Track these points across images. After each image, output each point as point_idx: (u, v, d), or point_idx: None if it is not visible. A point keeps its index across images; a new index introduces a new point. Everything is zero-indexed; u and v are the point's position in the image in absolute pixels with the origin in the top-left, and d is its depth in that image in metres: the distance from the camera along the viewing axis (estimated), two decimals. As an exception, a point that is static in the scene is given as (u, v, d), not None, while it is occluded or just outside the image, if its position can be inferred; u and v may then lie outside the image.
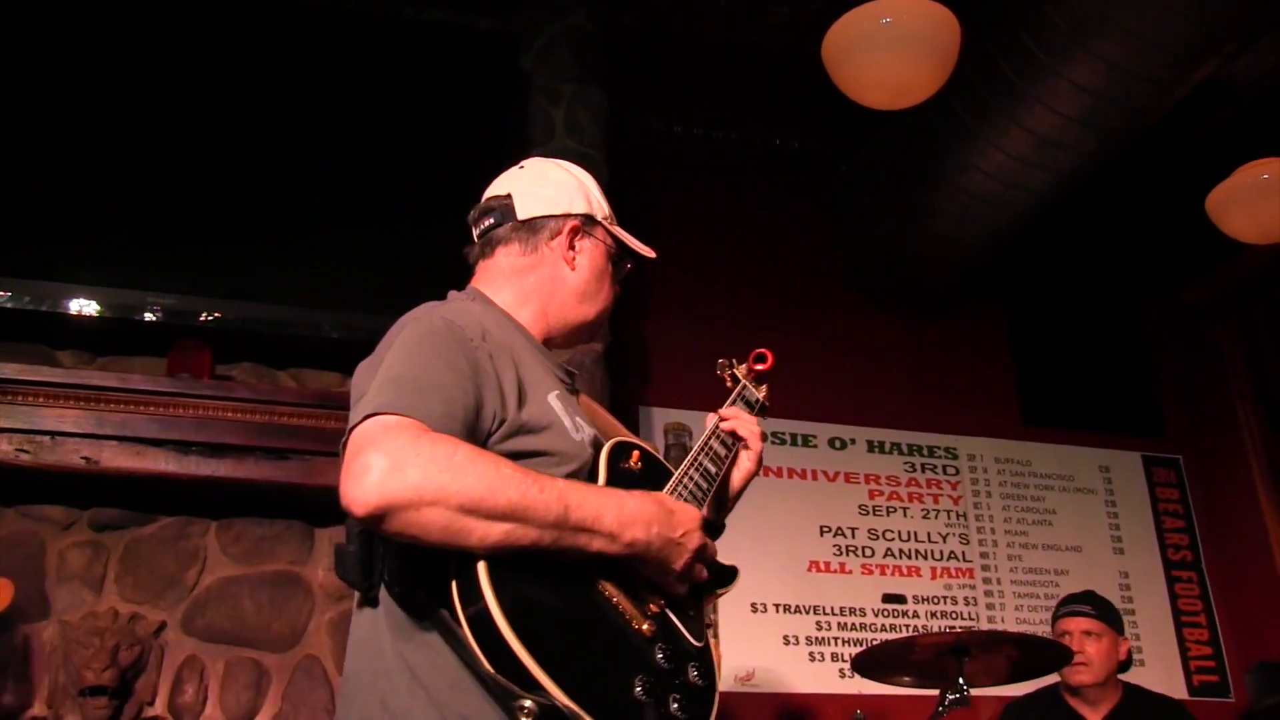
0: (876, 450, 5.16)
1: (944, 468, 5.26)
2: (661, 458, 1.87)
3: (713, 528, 1.83)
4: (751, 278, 5.02)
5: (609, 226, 1.96)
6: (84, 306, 3.59)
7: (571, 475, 1.62)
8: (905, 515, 5.09)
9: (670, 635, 1.59)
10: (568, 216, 1.90)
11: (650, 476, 1.77)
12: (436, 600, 1.43)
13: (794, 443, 5.00)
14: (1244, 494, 5.53)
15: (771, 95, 5.32)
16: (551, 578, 1.46)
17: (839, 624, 4.74)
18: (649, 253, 2.01)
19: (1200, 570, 5.49)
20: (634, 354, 4.73)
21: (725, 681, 4.44)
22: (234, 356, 3.86)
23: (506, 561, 1.40)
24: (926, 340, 5.47)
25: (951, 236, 4.81)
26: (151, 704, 3.44)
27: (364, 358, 1.73)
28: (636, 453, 1.79)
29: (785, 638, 4.66)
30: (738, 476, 1.99)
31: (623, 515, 1.52)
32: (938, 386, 5.39)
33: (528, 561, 1.42)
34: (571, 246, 1.90)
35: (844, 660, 4.66)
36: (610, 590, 1.54)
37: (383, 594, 1.55)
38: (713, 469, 1.88)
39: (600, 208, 1.96)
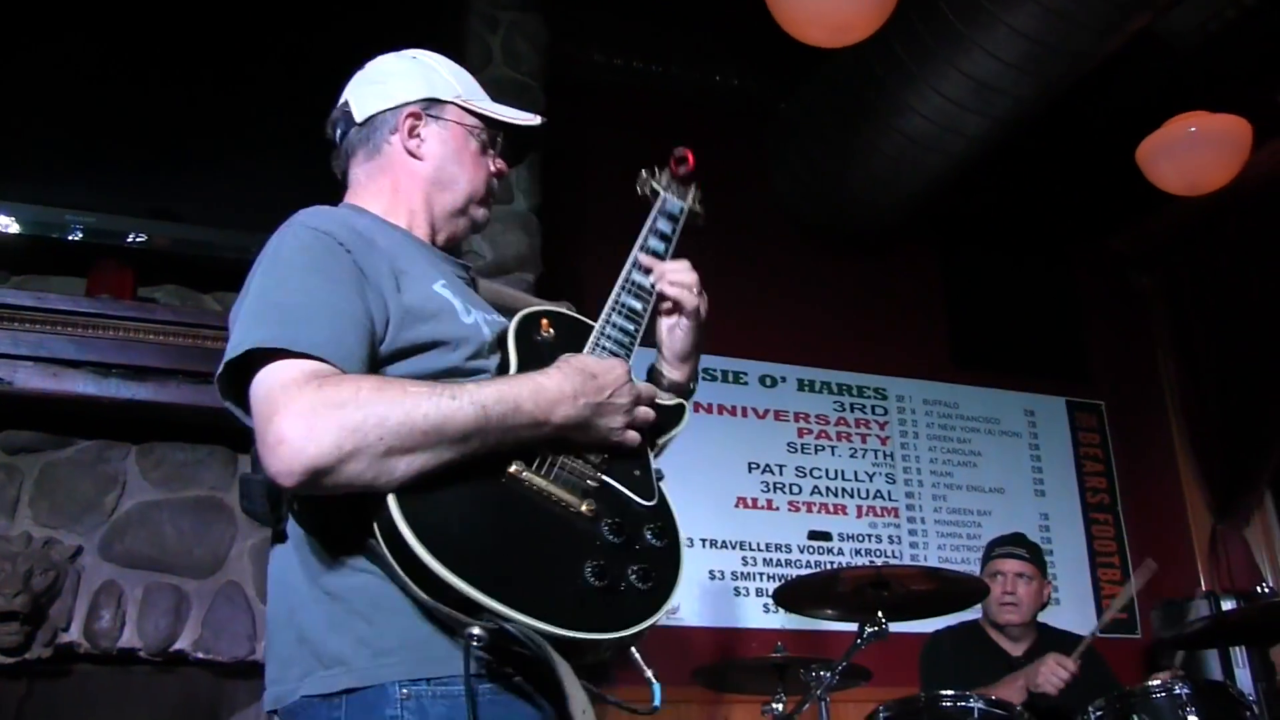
0: (806, 389, 5.21)
1: (873, 408, 5.32)
2: (576, 313, 1.77)
3: (667, 407, 1.73)
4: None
5: (462, 103, 1.81)
6: (2, 225, 3.47)
7: (470, 359, 1.56)
8: (833, 454, 5.16)
9: (616, 504, 1.53)
10: (403, 106, 1.77)
11: (566, 338, 1.69)
12: (359, 530, 1.38)
13: (724, 379, 5.03)
14: (1160, 440, 5.69)
15: (712, 31, 5.28)
16: (471, 489, 1.39)
17: (765, 560, 4.81)
18: (519, 118, 1.86)
19: (1116, 513, 5.64)
20: (567, 287, 4.69)
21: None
22: (157, 278, 3.76)
23: (419, 486, 1.35)
24: (860, 281, 5.51)
25: (888, 178, 4.83)
26: (67, 630, 3.37)
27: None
28: (545, 319, 1.70)
29: (711, 572, 4.72)
30: (678, 334, 1.81)
31: (541, 398, 1.46)
32: (870, 327, 5.45)
33: (442, 479, 1.36)
34: (413, 134, 1.77)
35: (769, 595, 4.73)
36: (538, 481, 1.46)
37: (293, 527, 1.50)
38: (630, 325, 1.73)
39: (449, 86, 1.81)
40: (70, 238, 3.54)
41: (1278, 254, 5.10)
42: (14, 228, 3.49)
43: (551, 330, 1.69)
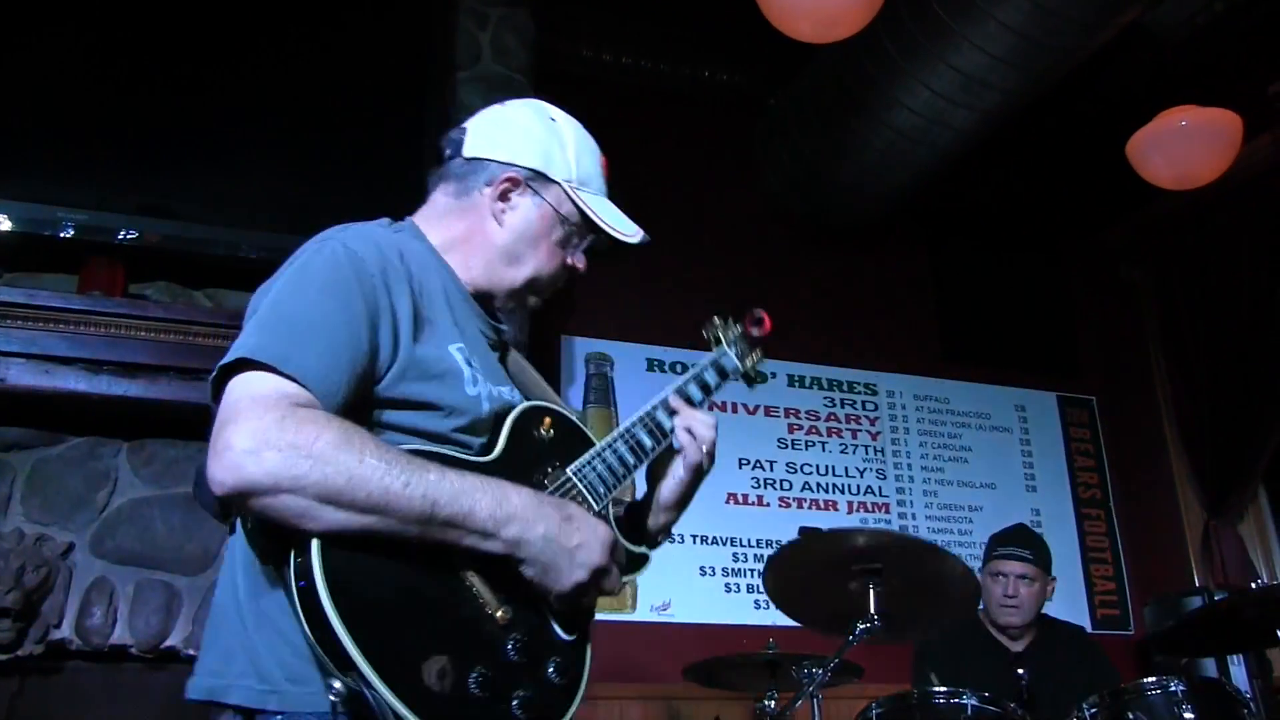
0: (797, 384, 5.21)
1: (863, 403, 5.33)
2: (586, 428, 1.72)
3: (632, 555, 1.70)
4: (676, 209, 5.00)
5: (569, 190, 1.74)
6: (-7, 222, 3.48)
7: (458, 430, 1.53)
8: (824, 450, 5.16)
9: (531, 624, 1.47)
10: (510, 165, 1.72)
11: (562, 445, 1.65)
12: (275, 554, 1.37)
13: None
14: (1152, 435, 5.69)
15: (700, 26, 5.27)
16: (395, 555, 1.36)
17: (755, 556, 4.81)
18: (620, 231, 1.77)
19: (1108, 509, 5.65)
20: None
21: (642, 610, 4.49)
22: (148, 275, 3.76)
23: (346, 537, 1.33)
24: (850, 276, 5.51)
25: (877, 172, 4.83)
26: (59, 626, 3.38)
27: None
28: (549, 418, 1.66)
29: (702, 568, 4.72)
30: (678, 484, 1.80)
31: (499, 511, 1.40)
32: (860, 323, 5.45)
33: (374, 538, 1.34)
34: (503, 199, 1.71)
35: (759, 591, 4.74)
36: (469, 572, 1.42)
37: (239, 526, 1.49)
38: (631, 459, 1.71)
39: (565, 167, 1.74)
40: (61, 235, 3.54)
41: (1268, 247, 5.11)
42: (6, 225, 3.49)
43: (551, 431, 1.65)
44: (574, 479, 1.65)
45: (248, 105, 3.91)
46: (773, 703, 3.35)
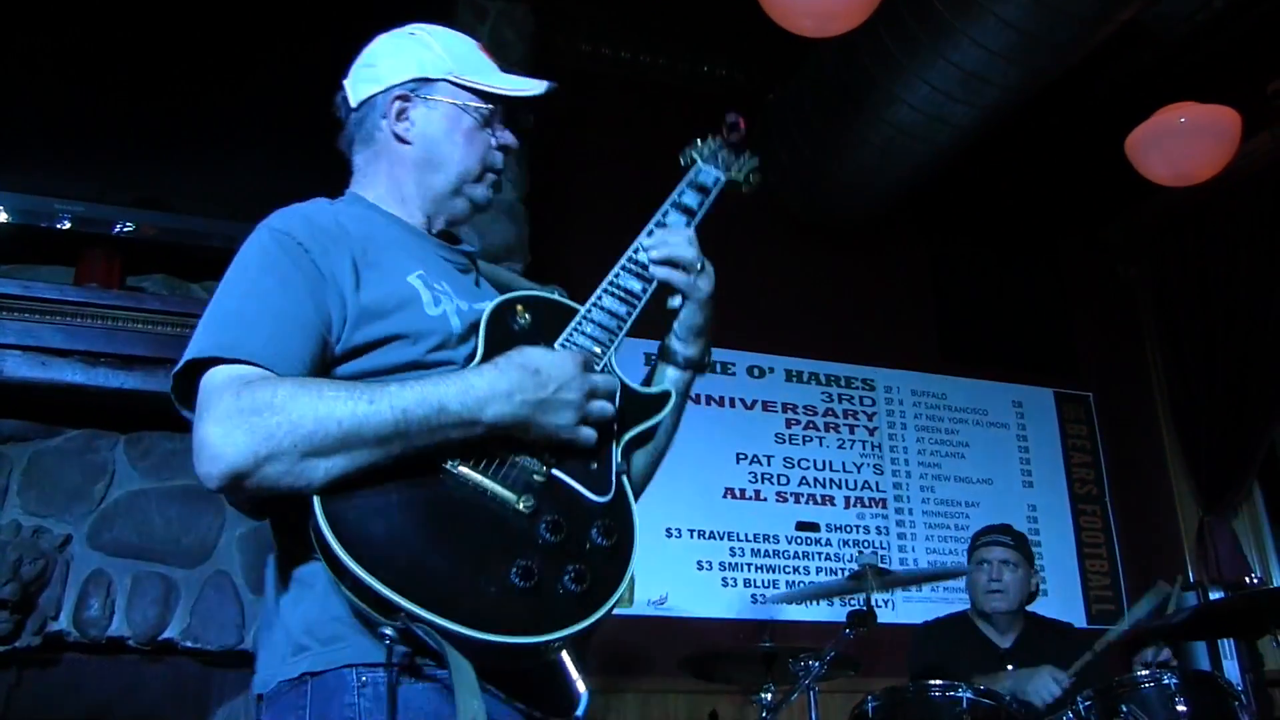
0: (795, 380, 5.22)
1: (861, 398, 5.33)
2: (565, 299, 1.70)
3: (648, 395, 1.67)
4: (676, 204, 4.98)
5: (454, 79, 1.73)
6: (-11, 213, 3.47)
7: (432, 350, 1.52)
8: (821, 445, 5.17)
9: (560, 501, 1.44)
10: (390, 89, 1.73)
11: (544, 323, 1.63)
12: (295, 531, 1.39)
13: (712, 370, 5.01)
14: (1148, 431, 5.70)
15: (699, 21, 5.27)
16: (397, 489, 1.37)
17: (752, 550, 4.82)
18: (517, 89, 1.75)
19: (1104, 505, 5.66)
20: (555, 277, 4.69)
21: (639, 604, 4.49)
22: (145, 268, 3.75)
23: (344, 486, 1.34)
24: (848, 272, 5.51)
25: (876, 168, 4.83)
26: (56, 618, 3.38)
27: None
28: (521, 304, 1.63)
29: (699, 563, 4.73)
30: (681, 312, 1.74)
31: (470, 396, 1.40)
32: (858, 318, 5.45)
33: (369, 479, 1.35)
34: (401, 118, 1.72)
35: (756, 586, 4.75)
36: (475, 476, 1.41)
37: (272, 518, 1.52)
38: (622, 308, 1.67)
39: (440, 63, 1.74)
40: (58, 226, 3.53)
41: (1266, 245, 5.11)
42: (2, 216, 3.49)
43: (528, 315, 1.63)
44: (569, 348, 1.62)
45: (245, 98, 3.90)
46: (769, 696, 3.36)
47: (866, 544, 5.03)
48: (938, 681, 3.07)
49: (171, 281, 3.79)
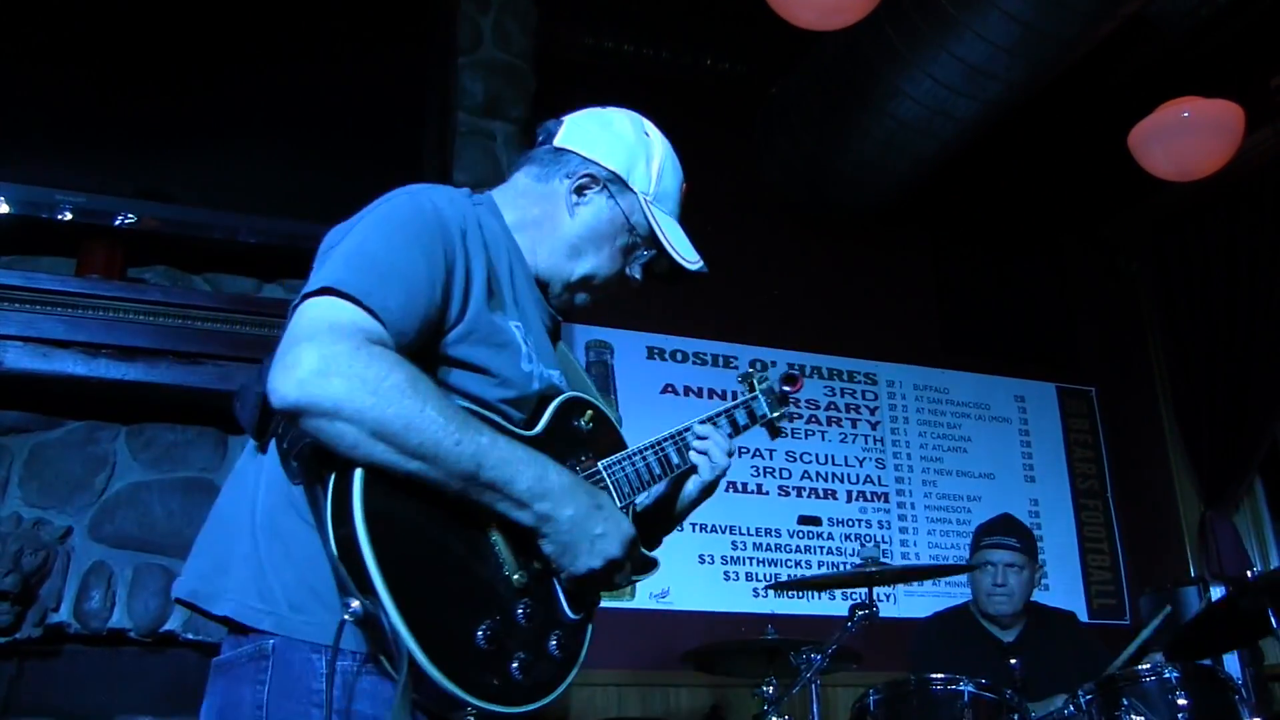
0: (797, 373, 5.21)
1: (863, 393, 5.33)
2: (619, 430, 1.79)
3: (645, 558, 1.77)
4: (678, 197, 4.98)
5: (644, 202, 1.79)
6: (-9, 204, 3.46)
7: (509, 401, 1.57)
8: (824, 439, 5.16)
9: (542, 597, 1.51)
10: (593, 163, 1.77)
11: (600, 440, 1.71)
12: (314, 475, 1.40)
13: (714, 363, 5.02)
14: (1150, 426, 5.69)
15: (702, 14, 5.26)
16: (432, 501, 1.41)
17: (754, 544, 4.82)
18: (684, 260, 1.83)
19: (1106, 499, 5.66)
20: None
21: (641, 598, 4.49)
22: (147, 259, 3.75)
23: (387, 474, 1.37)
24: (851, 266, 5.51)
25: (878, 161, 4.82)
26: (57, 610, 3.38)
27: (281, 263, 1.64)
28: (591, 411, 1.72)
29: (701, 557, 4.73)
30: (680, 499, 1.90)
31: (539, 485, 1.46)
32: (860, 312, 5.45)
33: (412, 482, 1.39)
34: (579, 192, 1.76)
35: (758, 580, 4.75)
36: (494, 531, 1.47)
37: (272, 449, 1.50)
38: (658, 470, 1.79)
39: (645, 180, 1.80)
40: (60, 217, 3.52)
41: (1268, 240, 5.10)
42: (3, 207, 3.47)
43: (592, 425, 1.72)
44: (603, 473, 1.70)
45: (247, 90, 3.89)
46: (771, 689, 3.36)
47: (868, 538, 5.03)
48: (939, 675, 3.06)
49: (173, 273, 3.79)
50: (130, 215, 3.58)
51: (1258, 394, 5.08)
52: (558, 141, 1.80)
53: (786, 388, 2.13)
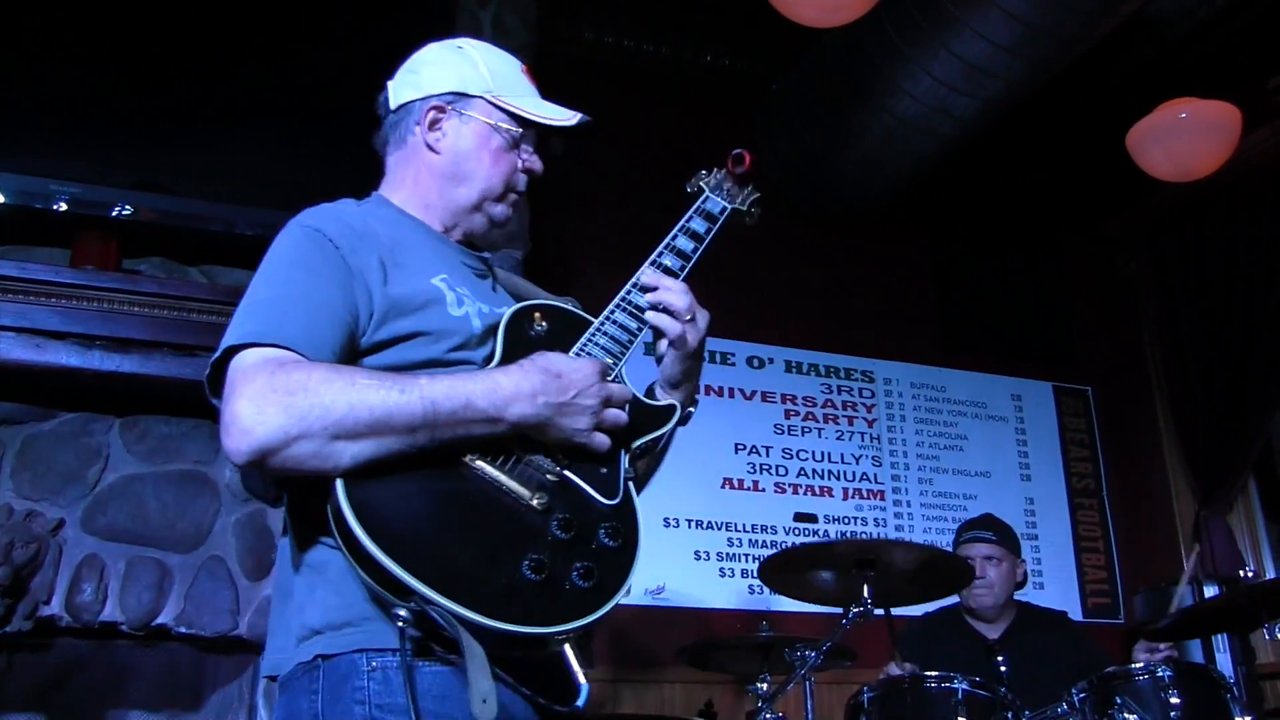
0: (794, 370, 5.21)
1: (860, 390, 5.33)
2: (578, 310, 1.76)
3: (656, 408, 1.72)
4: (676, 192, 4.95)
5: (491, 98, 1.78)
6: (-14, 194, 3.44)
7: (452, 350, 1.58)
8: (820, 436, 5.16)
9: (572, 501, 1.50)
10: (428, 98, 1.78)
11: (560, 332, 1.69)
12: (315, 511, 1.43)
13: (712, 360, 5.02)
14: (1147, 426, 5.70)
15: (703, 10, 5.25)
16: (419, 477, 1.41)
17: (750, 541, 4.81)
18: (552, 118, 1.80)
19: (1102, 498, 5.66)
20: (555, 263, 4.68)
21: (637, 594, 4.49)
22: (143, 250, 3.73)
23: (368, 470, 1.38)
24: (849, 263, 5.50)
25: (877, 159, 4.82)
26: (48, 603, 3.36)
27: None
28: (539, 312, 1.70)
29: (697, 553, 4.72)
30: (666, 360, 1.76)
31: (496, 395, 1.46)
32: (858, 310, 5.44)
33: (393, 465, 1.40)
34: (432, 128, 1.77)
35: (754, 576, 4.74)
36: (491, 471, 1.47)
37: (288, 503, 1.56)
38: (632, 323, 1.71)
39: (481, 81, 1.79)
40: (55, 208, 3.50)
41: (1265, 240, 5.10)
42: (-3, 197, 3.45)
43: (545, 323, 1.69)
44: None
45: (245, 81, 3.88)
46: (765, 686, 3.36)
47: (864, 535, 5.02)
48: (934, 673, 3.06)
49: (169, 264, 3.77)
50: (127, 206, 3.57)
51: (1253, 394, 5.08)
52: (392, 105, 1.82)
53: (736, 169, 1.98)
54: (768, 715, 3.23)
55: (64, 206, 3.51)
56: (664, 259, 1.80)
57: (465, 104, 1.78)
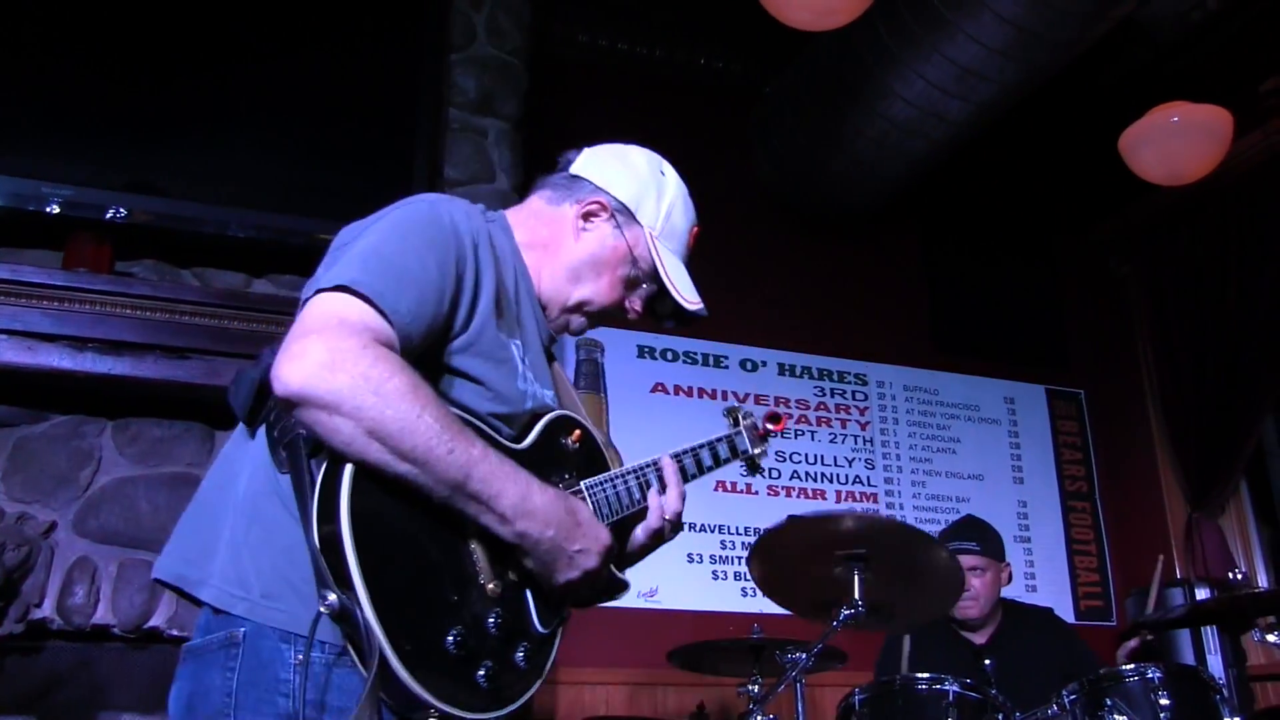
0: (787, 373, 5.21)
1: (854, 393, 5.33)
2: (606, 455, 1.81)
3: (615, 579, 1.77)
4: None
5: (649, 235, 1.84)
6: (-23, 196, 3.44)
7: (500, 416, 1.60)
8: (813, 439, 5.16)
9: (514, 608, 1.54)
10: (603, 191, 1.82)
11: (583, 461, 1.74)
12: (302, 466, 1.42)
13: (705, 363, 5.03)
14: (1139, 429, 5.70)
15: (697, 13, 5.26)
16: (417, 504, 1.43)
17: (743, 544, 4.82)
18: (683, 298, 1.85)
19: (1094, 501, 5.67)
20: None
21: (630, 597, 4.48)
22: (136, 253, 3.73)
23: (376, 474, 1.39)
24: (842, 266, 5.51)
25: (870, 162, 4.83)
26: (40, 606, 3.36)
27: (271, 258, 1.65)
28: (579, 431, 1.75)
29: (690, 555, 4.72)
30: (636, 544, 1.85)
31: (523, 504, 1.48)
32: (851, 312, 5.45)
33: (402, 486, 1.41)
34: (586, 218, 1.81)
35: (746, 579, 4.74)
36: (474, 540, 1.50)
37: (261, 435, 1.54)
38: (638, 495, 1.80)
39: (654, 215, 1.85)
40: (48, 210, 3.50)
41: (1256, 244, 5.12)
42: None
43: (578, 445, 1.75)
44: (585, 493, 1.72)
45: (239, 83, 3.88)
46: (756, 688, 3.36)
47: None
48: (924, 675, 3.07)
49: (161, 267, 3.77)
50: (119, 209, 3.56)
51: (1244, 397, 5.09)
52: (574, 169, 1.86)
53: (770, 425, 2.15)
54: (759, 717, 3.23)
55: (56, 209, 3.51)
56: (685, 460, 1.94)
57: (627, 221, 1.83)
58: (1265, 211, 5.08)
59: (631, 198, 1.84)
